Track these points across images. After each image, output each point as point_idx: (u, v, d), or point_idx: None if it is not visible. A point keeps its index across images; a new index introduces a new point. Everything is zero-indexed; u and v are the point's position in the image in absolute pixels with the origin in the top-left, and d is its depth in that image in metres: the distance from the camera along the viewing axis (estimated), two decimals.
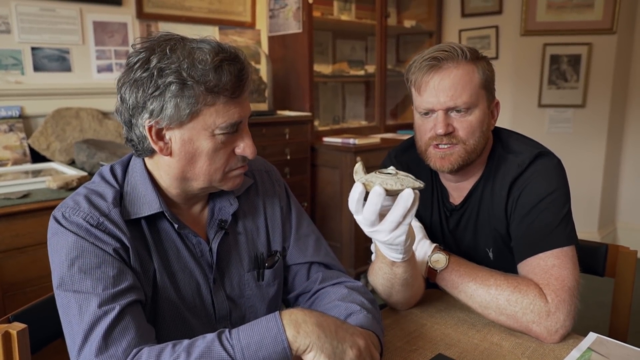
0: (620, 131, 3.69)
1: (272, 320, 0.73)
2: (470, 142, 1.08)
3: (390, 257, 0.93)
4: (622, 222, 3.83)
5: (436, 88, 1.06)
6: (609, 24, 3.35)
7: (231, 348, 0.71)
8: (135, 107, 0.83)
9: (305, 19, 3.01)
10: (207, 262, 0.94)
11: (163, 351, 0.72)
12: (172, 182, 0.89)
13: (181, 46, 0.82)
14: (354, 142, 2.93)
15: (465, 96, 1.05)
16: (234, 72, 0.82)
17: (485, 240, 1.16)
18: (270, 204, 1.03)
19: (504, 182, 1.11)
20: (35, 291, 1.73)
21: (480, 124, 1.08)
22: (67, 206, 0.85)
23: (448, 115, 1.07)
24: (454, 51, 1.05)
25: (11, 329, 0.82)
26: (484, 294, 1.00)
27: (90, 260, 0.80)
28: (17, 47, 2.32)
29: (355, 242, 2.96)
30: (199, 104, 0.81)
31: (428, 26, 3.89)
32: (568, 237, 1.03)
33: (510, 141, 1.15)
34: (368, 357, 0.77)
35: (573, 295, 0.97)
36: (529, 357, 0.91)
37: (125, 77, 0.83)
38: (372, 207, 0.82)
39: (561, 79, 3.51)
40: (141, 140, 0.86)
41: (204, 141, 0.84)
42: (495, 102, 1.14)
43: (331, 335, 0.73)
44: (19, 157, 2.28)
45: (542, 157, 1.10)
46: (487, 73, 1.09)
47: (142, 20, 2.72)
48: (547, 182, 1.07)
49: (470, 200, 1.16)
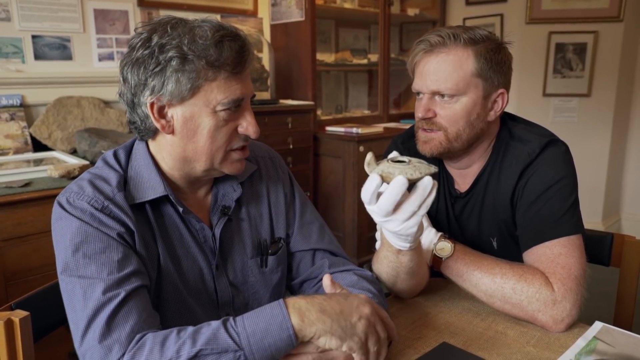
0: (626, 121, 3.66)
1: (277, 307, 0.73)
2: (452, 130, 1.06)
3: (397, 246, 0.92)
4: (626, 213, 3.81)
5: (424, 71, 1.06)
6: (615, 12, 3.30)
7: (237, 335, 0.71)
8: (137, 86, 0.83)
9: (307, 7, 2.97)
10: (210, 248, 0.93)
11: (168, 337, 0.71)
12: (175, 164, 0.89)
13: (182, 24, 0.83)
14: (357, 132, 2.91)
15: (451, 83, 1.04)
16: (234, 47, 0.82)
17: (489, 229, 1.15)
18: (274, 190, 1.03)
19: (511, 170, 1.09)
20: (38, 280, 1.74)
21: (467, 113, 1.06)
22: (72, 191, 0.84)
23: (433, 100, 1.07)
24: (448, 36, 1.04)
25: (13, 317, 0.82)
26: (489, 283, 0.99)
27: (94, 245, 0.79)
28: (17, 35, 2.31)
29: (357, 232, 2.95)
30: (200, 78, 0.81)
31: (432, 14, 3.85)
32: (575, 225, 1.02)
33: (518, 129, 1.13)
34: (377, 322, 0.77)
35: (580, 284, 0.96)
36: (534, 345, 0.91)
37: (127, 57, 0.84)
38: (393, 197, 0.80)
39: (566, 68, 3.48)
40: (144, 120, 0.86)
41: (206, 118, 0.84)
42: (499, 92, 1.09)
43: (336, 316, 0.73)
44: (20, 146, 2.27)
45: (551, 145, 1.08)
46: (489, 60, 1.05)
47: (143, 8, 2.69)
48: (554, 170, 1.05)
49: (475, 189, 1.15)
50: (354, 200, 2.92)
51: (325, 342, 0.72)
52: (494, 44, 1.07)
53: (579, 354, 0.86)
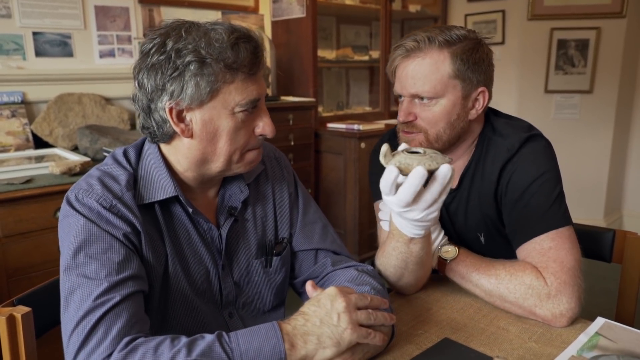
0: (628, 118, 3.65)
1: (272, 330, 0.74)
2: (432, 131, 1.08)
3: (411, 234, 0.93)
4: (628, 210, 3.80)
5: (402, 76, 1.08)
6: (618, 8, 3.29)
7: (230, 351, 0.71)
8: (154, 91, 0.83)
9: (309, 4, 2.97)
10: (217, 248, 0.94)
11: (161, 343, 0.71)
12: (191, 166, 0.89)
13: (195, 28, 0.83)
14: (358, 128, 2.91)
15: (428, 86, 1.05)
16: (249, 49, 0.83)
17: (476, 224, 1.15)
18: (279, 190, 1.03)
19: (493, 166, 1.10)
20: (40, 276, 1.74)
21: (446, 114, 1.07)
22: (81, 188, 0.84)
23: (413, 103, 1.08)
24: (423, 40, 1.05)
25: (15, 312, 0.82)
26: (486, 284, 1.01)
27: (97, 245, 0.79)
28: (18, 31, 2.31)
29: (359, 229, 2.95)
30: (219, 81, 0.81)
31: (433, 11, 3.84)
32: (562, 217, 1.02)
33: (499, 124, 1.13)
34: (352, 307, 0.77)
35: (575, 275, 0.96)
36: (536, 341, 0.91)
37: (142, 63, 0.83)
38: (413, 188, 0.82)
39: (568, 64, 3.47)
40: (160, 125, 0.86)
41: (225, 120, 0.84)
42: (479, 91, 1.08)
43: (319, 329, 0.75)
44: (21, 142, 2.27)
45: (531, 140, 1.08)
46: (466, 60, 1.04)
47: (144, 4, 2.69)
48: (536, 165, 1.05)
49: (462, 184, 1.16)
50: (355, 197, 2.92)
51: (323, 355, 0.74)
52: (471, 43, 1.06)
53: (581, 350, 0.86)
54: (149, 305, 0.85)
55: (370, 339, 0.78)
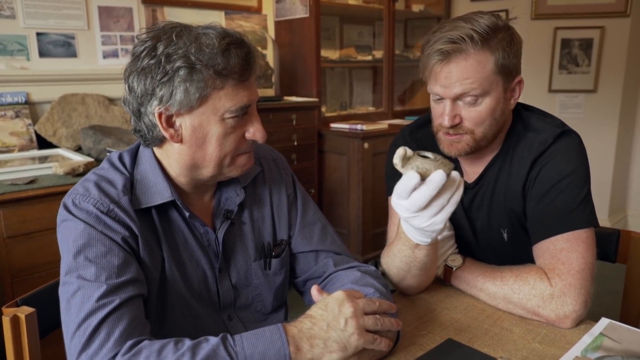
0: (633, 117, 3.63)
1: (277, 333, 0.73)
2: (479, 131, 1.05)
3: (417, 240, 0.93)
4: (633, 209, 3.79)
5: (444, 79, 1.02)
6: (622, 7, 3.28)
7: (235, 355, 0.71)
8: (144, 95, 0.82)
9: (312, 4, 2.97)
10: (214, 252, 0.94)
11: (165, 347, 0.71)
12: (182, 171, 0.89)
13: (187, 32, 0.82)
14: (362, 128, 2.90)
15: (474, 87, 1.01)
16: (241, 55, 0.82)
17: (499, 220, 1.14)
18: (277, 192, 1.03)
19: (523, 160, 1.08)
20: (44, 277, 1.74)
21: (492, 111, 1.04)
22: (77, 192, 0.84)
23: (456, 105, 1.04)
24: (463, 42, 0.99)
25: (19, 313, 0.83)
26: (491, 287, 1.02)
27: (96, 249, 0.79)
28: (22, 32, 2.31)
29: (362, 229, 2.95)
30: (208, 87, 0.81)
31: (437, 10, 3.83)
32: (586, 219, 1.01)
33: (531, 119, 1.12)
34: (359, 312, 0.77)
35: (582, 278, 0.96)
36: (540, 342, 0.90)
37: (132, 66, 0.83)
38: (430, 192, 0.81)
39: (572, 64, 3.46)
40: (150, 129, 0.85)
41: (214, 126, 0.84)
42: (517, 80, 1.07)
43: (326, 333, 0.74)
44: (25, 143, 2.28)
45: (565, 135, 1.07)
46: (505, 54, 1.02)
47: (147, 5, 2.69)
48: (567, 161, 1.04)
49: (484, 179, 1.14)
50: (358, 197, 2.92)
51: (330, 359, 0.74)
52: (505, 34, 1.03)
53: (585, 351, 0.85)
54: (147, 309, 0.85)
55: (376, 345, 0.78)
